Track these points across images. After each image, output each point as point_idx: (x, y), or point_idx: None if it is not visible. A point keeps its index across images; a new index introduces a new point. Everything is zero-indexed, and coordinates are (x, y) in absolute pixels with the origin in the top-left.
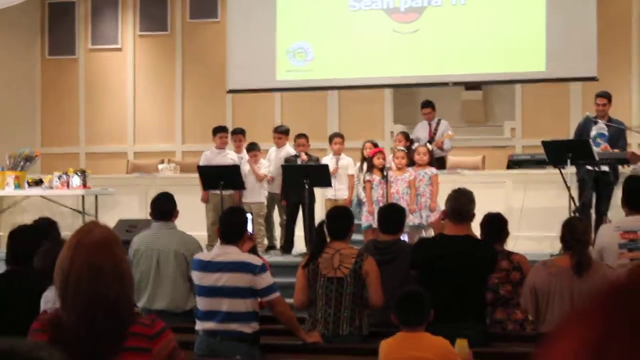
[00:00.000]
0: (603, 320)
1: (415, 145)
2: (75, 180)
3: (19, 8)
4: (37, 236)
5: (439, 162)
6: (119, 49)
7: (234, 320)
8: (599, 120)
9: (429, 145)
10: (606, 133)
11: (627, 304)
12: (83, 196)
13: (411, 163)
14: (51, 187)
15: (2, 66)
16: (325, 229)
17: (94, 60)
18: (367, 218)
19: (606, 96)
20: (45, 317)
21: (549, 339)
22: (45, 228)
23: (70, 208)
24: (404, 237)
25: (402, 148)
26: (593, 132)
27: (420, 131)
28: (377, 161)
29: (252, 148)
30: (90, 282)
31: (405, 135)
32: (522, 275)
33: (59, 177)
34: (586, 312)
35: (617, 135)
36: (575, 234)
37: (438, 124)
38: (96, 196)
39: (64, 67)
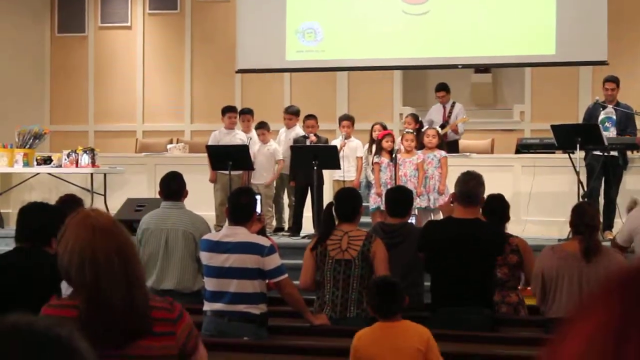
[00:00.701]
0: (623, 303)
1: (425, 127)
2: (84, 159)
3: None
4: (47, 214)
5: (451, 146)
6: (129, 27)
7: (242, 302)
8: (608, 105)
9: (438, 128)
10: (614, 117)
11: None
12: (92, 175)
13: (421, 146)
14: (60, 165)
15: (12, 44)
16: (333, 211)
17: (103, 38)
18: (374, 200)
19: (615, 81)
20: (67, 304)
21: (565, 323)
22: (58, 206)
23: (79, 186)
24: (412, 220)
25: (411, 130)
26: (601, 117)
27: (434, 114)
28: (385, 144)
29: (261, 126)
30: (122, 265)
31: (415, 118)
32: (519, 259)
33: (68, 155)
34: (604, 295)
35: (626, 120)
36: (585, 218)
37: (453, 106)
38: (105, 175)
39: (74, 45)
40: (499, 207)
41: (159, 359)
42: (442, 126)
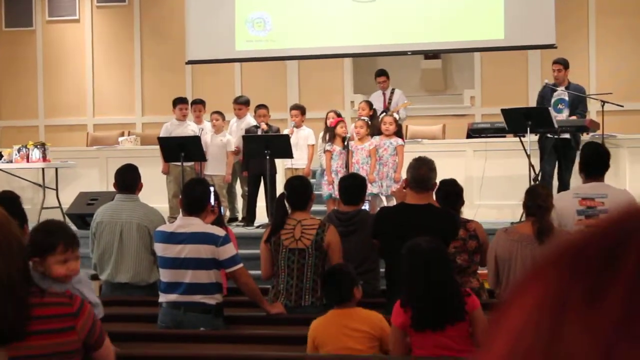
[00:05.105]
0: (558, 278)
1: (382, 115)
2: (35, 154)
3: None
4: None
5: (396, 132)
6: (77, 21)
7: (197, 292)
8: (559, 87)
9: (396, 115)
10: (566, 98)
11: (582, 260)
12: (43, 169)
13: (378, 132)
14: (11, 161)
15: None
16: (285, 201)
17: (51, 32)
18: (327, 188)
19: (561, 62)
20: None
21: (503, 303)
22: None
23: (31, 182)
24: (365, 206)
25: (364, 118)
26: (554, 99)
27: (374, 101)
28: (340, 129)
29: (216, 112)
30: None
31: (369, 104)
32: (478, 244)
33: (19, 151)
34: (540, 271)
35: (577, 101)
36: (537, 200)
37: (392, 93)
38: (56, 169)
39: (22, 39)
40: (452, 191)
41: (59, 356)
42: (384, 112)
